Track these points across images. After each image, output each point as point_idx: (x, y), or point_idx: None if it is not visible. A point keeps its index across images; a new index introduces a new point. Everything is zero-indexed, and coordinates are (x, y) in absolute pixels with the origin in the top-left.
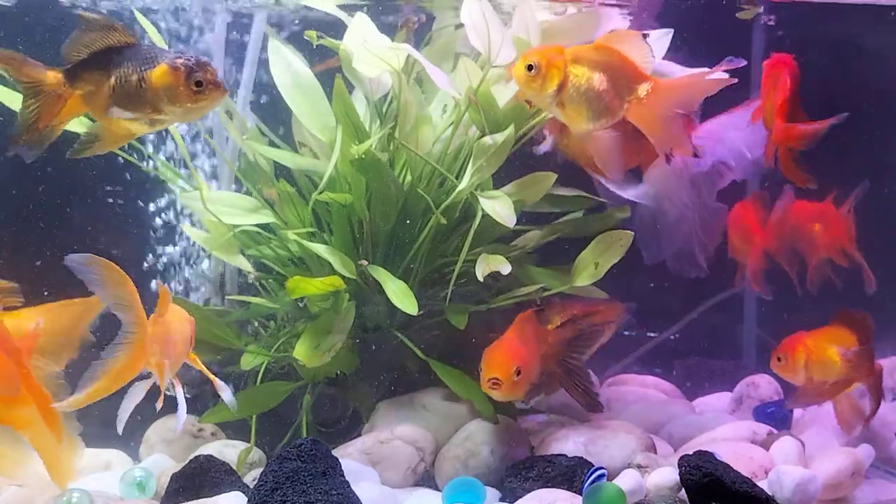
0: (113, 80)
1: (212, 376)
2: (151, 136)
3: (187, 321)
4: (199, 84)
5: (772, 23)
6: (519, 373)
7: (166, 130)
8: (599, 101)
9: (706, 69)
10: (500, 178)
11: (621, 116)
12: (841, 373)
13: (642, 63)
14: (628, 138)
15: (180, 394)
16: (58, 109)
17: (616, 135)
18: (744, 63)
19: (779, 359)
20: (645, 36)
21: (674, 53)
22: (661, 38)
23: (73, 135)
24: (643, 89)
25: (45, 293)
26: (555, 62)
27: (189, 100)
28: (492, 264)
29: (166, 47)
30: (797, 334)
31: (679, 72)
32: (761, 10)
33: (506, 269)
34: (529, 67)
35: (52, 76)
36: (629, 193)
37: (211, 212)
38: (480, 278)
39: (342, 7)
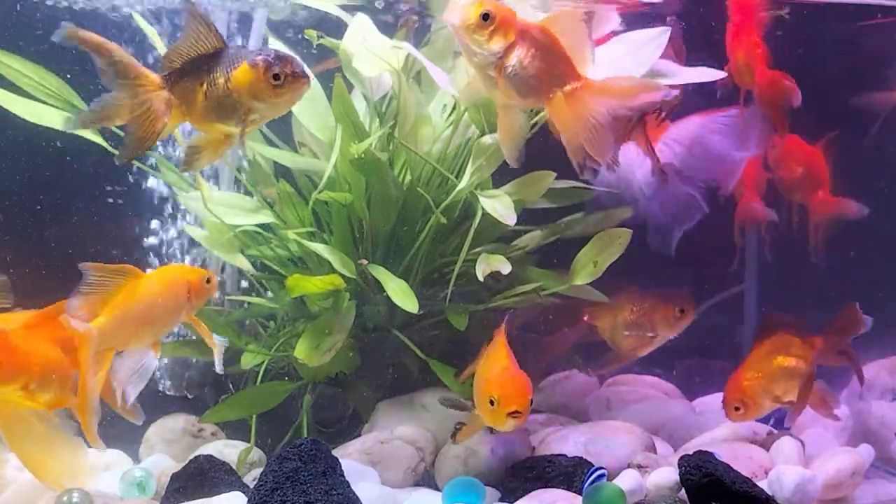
0: (204, 86)
1: (205, 332)
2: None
3: (179, 285)
4: (276, 77)
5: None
6: (532, 401)
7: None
8: (534, 82)
9: (647, 79)
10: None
11: (543, 103)
12: (803, 369)
13: (581, 54)
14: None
15: (151, 358)
16: (166, 114)
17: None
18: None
19: (737, 408)
20: (588, 18)
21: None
22: (658, 38)
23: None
24: (572, 85)
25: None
26: (511, 22)
27: (271, 94)
28: (492, 264)
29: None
30: (733, 376)
31: (678, 72)
32: (787, 11)
33: (506, 268)
34: (485, 16)
35: (155, 80)
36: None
37: (212, 212)
38: (481, 278)
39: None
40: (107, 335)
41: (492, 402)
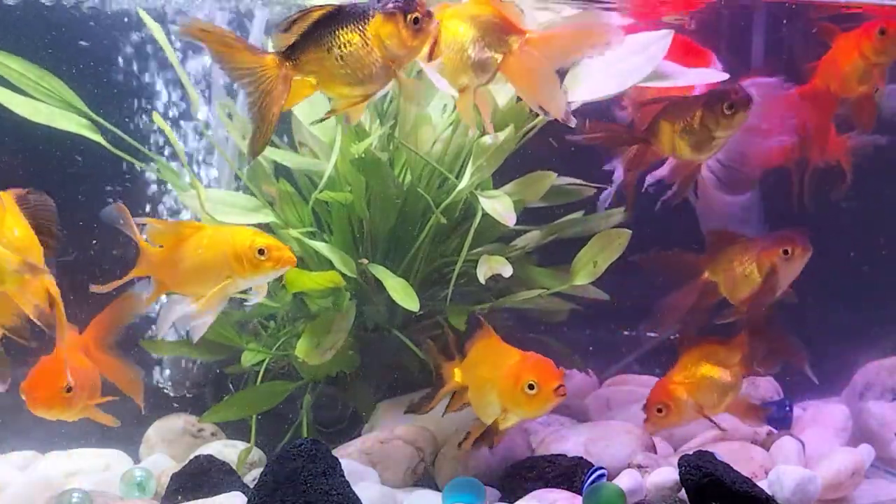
0: (335, 50)
1: None
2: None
3: (219, 239)
4: (416, 21)
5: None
6: None
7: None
8: (472, 55)
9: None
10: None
11: (496, 70)
12: (734, 377)
13: (515, 16)
14: None
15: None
16: (285, 93)
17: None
18: None
19: (659, 410)
20: None
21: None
22: (661, 40)
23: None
24: (515, 42)
25: None
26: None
27: (411, 39)
28: (493, 266)
29: (173, 51)
30: (659, 381)
31: (678, 74)
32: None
33: (507, 271)
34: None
35: (271, 59)
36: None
37: (208, 212)
38: (482, 280)
39: None
40: None
41: (531, 387)
